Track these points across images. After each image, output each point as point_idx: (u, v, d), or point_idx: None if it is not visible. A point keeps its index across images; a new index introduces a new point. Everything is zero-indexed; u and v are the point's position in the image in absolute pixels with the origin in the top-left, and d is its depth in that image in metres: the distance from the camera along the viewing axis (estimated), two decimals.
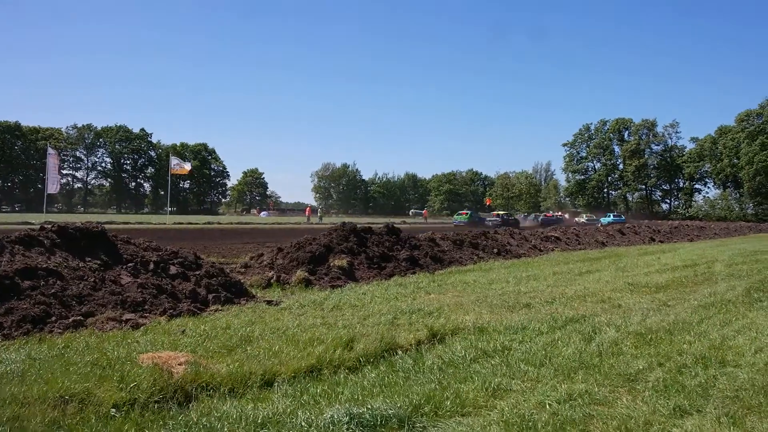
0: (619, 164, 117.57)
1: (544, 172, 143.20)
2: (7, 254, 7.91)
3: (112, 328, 7.01)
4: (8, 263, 7.68)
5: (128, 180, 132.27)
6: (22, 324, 6.76)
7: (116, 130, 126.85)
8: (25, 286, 7.40)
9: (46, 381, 4.66)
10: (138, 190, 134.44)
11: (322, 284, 11.40)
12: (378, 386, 5.03)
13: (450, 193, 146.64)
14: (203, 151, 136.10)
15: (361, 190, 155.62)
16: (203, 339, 6.39)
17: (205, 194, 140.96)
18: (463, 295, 10.29)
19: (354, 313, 8.33)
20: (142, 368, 5.09)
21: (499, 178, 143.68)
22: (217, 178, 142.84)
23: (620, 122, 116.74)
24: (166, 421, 4.20)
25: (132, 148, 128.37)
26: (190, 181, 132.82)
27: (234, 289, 9.60)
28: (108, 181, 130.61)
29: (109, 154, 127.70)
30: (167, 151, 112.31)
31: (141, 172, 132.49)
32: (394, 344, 6.48)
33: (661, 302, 9.61)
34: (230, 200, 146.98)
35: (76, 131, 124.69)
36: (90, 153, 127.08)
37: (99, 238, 9.24)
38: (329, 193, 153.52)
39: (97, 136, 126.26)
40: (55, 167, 47.60)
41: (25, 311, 6.95)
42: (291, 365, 5.54)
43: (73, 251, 8.73)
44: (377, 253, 13.96)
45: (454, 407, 4.48)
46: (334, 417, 4.10)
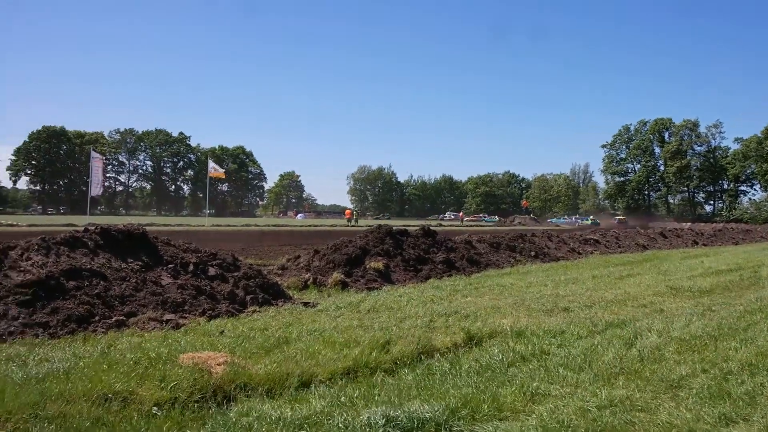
0: (660, 166, 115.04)
1: (582, 174, 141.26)
2: (53, 255, 8.13)
3: (153, 328, 7.15)
4: (54, 264, 7.90)
5: (168, 183, 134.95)
6: (67, 323, 6.95)
7: (156, 134, 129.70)
8: (70, 287, 7.60)
9: (90, 379, 4.77)
10: (177, 192, 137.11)
11: (358, 286, 11.43)
12: (415, 389, 5.01)
13: (486, 195, 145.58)
14: (241, 154, 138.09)
15: (397, 192, 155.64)
16: (241, 340, 6.47)
17: (242, 197, 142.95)
18: (500, 298, 10.20)
19: (390, 315, 8.33)
20: (183, 368, 5.17)
21: (536, 180, 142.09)
22: (254, 181, 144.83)
23: (660, 123, 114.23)
24: (205, 421, 4.26)
25: (172, 152, 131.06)
26: (229, 184, 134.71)
27: (271, 291, 9.70)
28: (149, 184, 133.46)
29: (150, 157, 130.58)
30: (206, 154, 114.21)
31: (180, 174, 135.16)
32: (431, 347, 6.46)
33: (705, 307, 9.36)
34: (267, 202, 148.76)
35: (118, 135, 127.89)
36: (131, 157, 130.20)
37: (140, 240, 9.43)
38: (365, 195, 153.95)
39: (138, 140, 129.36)
40: (98, 171, 48.82)
41: (70, 311, 7.14)
42: (328, 367, 5.56)
43: (116, 252, 8.93)
44: (413, 256, 13.94)
45: (492, 411, 4.43)
46: (371, 419, 4.10)
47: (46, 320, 6.90)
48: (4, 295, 7.07)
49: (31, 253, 8.06)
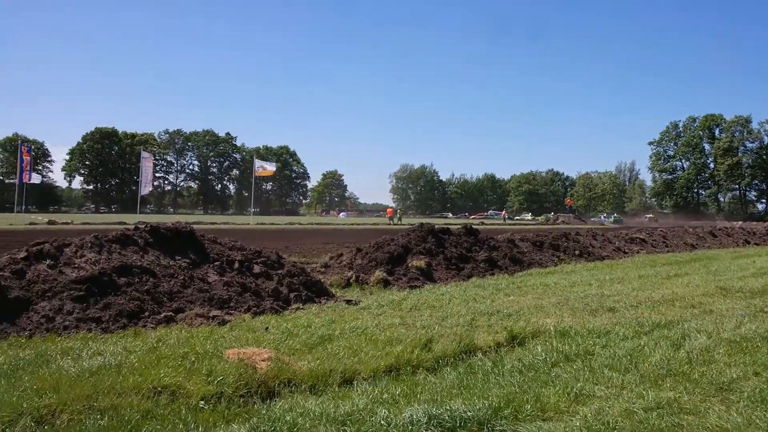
0: (710, 163, 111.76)
1: (628, 172, 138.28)
2: (105, 252, 8.39)
3: (200, 323, 7.32)
4: (106, 261, 8.16)
5: (214, 182, 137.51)
6: (118, 318, 7.17)
7: (204, 135, 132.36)
8: (121, 283, 7.84)
9: (140, 373, 4.92)
10: (223, 191, 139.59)
11: (400, 284, 11.46)
12: (457, 388, 5.01)
13: (529, 193, 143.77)
14: (285, 153, 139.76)
15: (439, 190, 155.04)
16: (285, 336, 6.56)
17: (286, 195, 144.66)
18: (543, 297, 10.09)
19: (432, 313, 8.33)
20: (229, 363, 5.28)
21: (580, 178, 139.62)
22: (298, 180, 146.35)
23: (711, 119, 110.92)
24: (250, 416, 4.34)
25: (218, 152, 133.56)
26: (273, 183, 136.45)
27: (314, 289, 9.81)
28: (196, 183, 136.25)
29: (197, 157, 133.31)
30: (251, 153, 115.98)
31: (226, 174, 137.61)
32: (473, 346, 6.44)
33: (757, 308, 9.07)
34: (310, 201, 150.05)
35: (167, 136, 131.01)
36: (179, 156, 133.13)
37: (188, 238, 9.65)
38: (407, 194, 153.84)
39: (186, 140, 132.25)
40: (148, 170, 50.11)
41: (122, 306, 7.37)
42: (370, 364, 5.61)
43: (165, 250, 9.16)
44: (455, 254, 13.89)
45: (535, 411, 4.40)
46: (413, 417, 4.11)
47: (98, 315, 7.13)
48: (59, 291, 7.34)
49: (85, 251, 8.34)
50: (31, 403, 4.18)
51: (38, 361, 5.35)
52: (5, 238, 22.37)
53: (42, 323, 6.83)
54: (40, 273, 7.61)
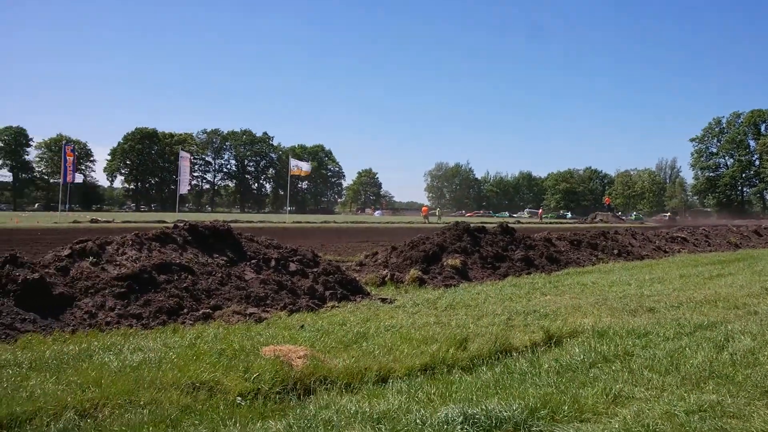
0: (755, 160, 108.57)
1: (669, 170, 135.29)
2: (145, 250, 8.57)
3: (237, 321, 7.42)
4: (146, 258, 8.33)
5: (251, 181, 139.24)
6: (158, 315, 7.32)
7: (241, 134, 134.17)
8: (161, 280, 7.99)
9: (179, 368, 5.01)
10: (260, 190, 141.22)
11: (435, 283, 11.43)
12: (493, 387, 4.97)
13: (567, 192, 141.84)
14: (320, 152, 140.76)
15: (474, 189, 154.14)
16: (321, 334, 6.60)
17: (321, 194, 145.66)
18: (580, 297, 9.95)
19: (467, 312, 8.29)
20: (265, 360, 5.34)
21: (619, 176, 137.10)
22: (333, 179, 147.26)
23: (756, 114, 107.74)
24: (287, 412, 4.38)
25: (255, 151, 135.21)
26: (308, 182, 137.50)
27: (350, 287, 9.85)
28: (233, 182, 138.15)
29: (234, 156, 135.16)
30: (287, 153, 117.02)
31: (263, 173, 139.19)
32: (509, 345, 6.38)
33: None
34: (345, 200, 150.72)
35: (205, 136, 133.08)
36: (217, 156, 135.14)
37: (225, 236, 9.79)
38: (442, 192, 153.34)
39: (223, 140, 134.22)
40: (186, 170, 51.00)
41: (161, 303, 7.52)
42: (405, 363, 5.60)
43: (203, 248, 9.31)
44: (491, 253, 13.79)
45: (572, 412, 4.33)
46: (449, 416, 4.09)
47: (139, 312, 7.29)
48: (101, 288, 7.52)
49: (126, 248, 8.52)
50: (75, 396, 4.30)
51: (81, 356, 5.49)
52: (50, 236, 23.03)
53: (85, 319, 7.00)
54: (83, 270, 7.80)
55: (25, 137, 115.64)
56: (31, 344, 5.93)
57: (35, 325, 6.69)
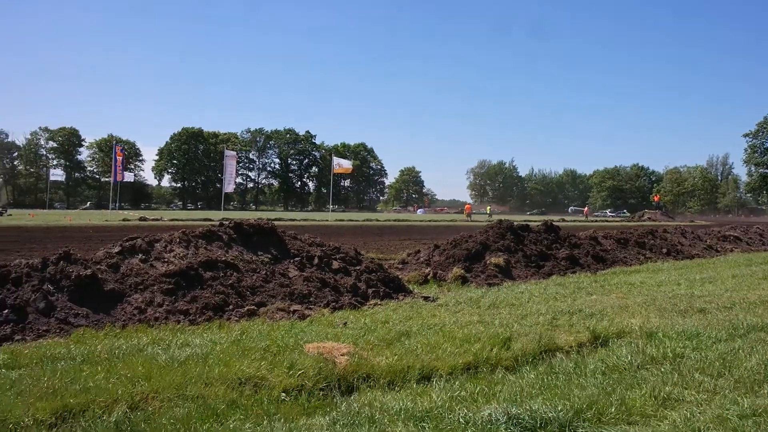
0: None
1: (720, 166, 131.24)
2: (192, 248, 8.74)
3: (281, 317, 7.50)
4: (193, 256, 8.50)
5: (294, 179, 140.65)
6: (204, 311, 7.46)
7: (284, 133, 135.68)
8: (207, 277, 8.14)
9: (225, 364, 5.10)
10: (303, 188, 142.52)
11: (478, 282, 11.35)
12: (537, 387, 4.90)
13: (613, 189, 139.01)
14: (362, 150, 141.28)
15: (518, 187, 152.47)
16: (363, 332, 6.63)
17: (364, 192, 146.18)
18: (628, 296, 9.73)
19: (511, 311, 8.20)
20: (309, 357, 5.39)
21: (668, 173, 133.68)
22: (375, 177, 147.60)
23: None
24: (330, 409, 4.41)
25: (298, 150, 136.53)
26: (351, 180, 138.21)
27: (392, 285, 9.86)
28: (276, 181, 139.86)
29: (278, 155, 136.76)
30: (330, 151, 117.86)
31: (306, 171, 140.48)
32: (554, 345, 6.29)
33: None
34: (388, 198, 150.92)
35: (249, 135, 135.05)
36: (261, 155, 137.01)
37: (269, 234, 9.91)
38: (485, 190, 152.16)
39: (267, 139, 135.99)
40: (231, 168, 51.84)
41: (207, 299, 7.66)
42: (448, 361, 5.58)
43: (247, 246, 9.44)
44: (535, 252, 13.62)
45: (619, 414, 4.25)
46: (492, 416, 4.06)
47: (186, 308, 7.44)
48: (150, 284, 7.71)
49: (174, 246, 8.71)
50: (126, 390, 4.41)
51: (131, 350, 5.64)
52: (101, 233, 23.73)
53: (134, 314, 7.19)
54: (133, 267, 8.01)
55: (78, 138, 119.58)
56: (83, 338, 6.12)
57: (87, 319, 6.90)
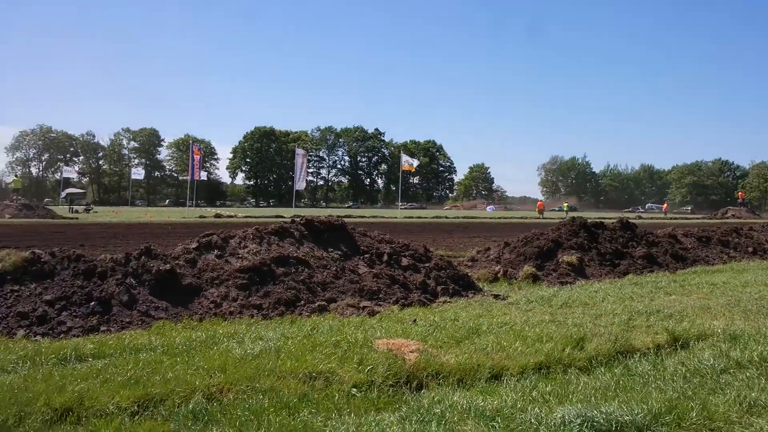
0: None
1: None
2: (265, 244, 8.95)
3: (351, 313, 7.58)
4: (266, 252, 8.70)
5: (363, 177, 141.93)
6: (277, 306, 7.63)
7: (353, 131, 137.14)
8: (279, 273, 8.32)
9: (296, 358, 5.19)
10: (372, 186, 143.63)
11: (549, 280, 11.12)
12: (612, 390, 4.75)
13: (693, 185, 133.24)
14: (432, 147, 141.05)
15: (591, 183, 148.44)
16: (433, 329, 6.61)
17: (433, 189, 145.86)
18: (710, 297, 9.31)
19: (585, 311, 7.99)
20: (378, 353, 5.42)
21: (754, 168, 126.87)
22: (444, 174, 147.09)
23: None
24: (400, 405, 4.42)
25: (367, 147, 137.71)
26: (419, 177, 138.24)
27: (461, 282, 9.79)
28: (346, 178, 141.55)
29: (347, 153, 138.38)
30: (399, 148, 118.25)
31: (375, 169, 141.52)
32: (630, 347, 6.09)
33: None
34: (457, 195, 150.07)
35: (319, 133, 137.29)
36: (331, 152, 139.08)
37: (339, 231, 10.03)
38: (557, 186, 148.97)
39: (337, 137, 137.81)
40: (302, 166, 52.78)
41: (279, 295, 7.83)
42: (519, 360, 5.49)
43: (318, 242, 9.59)
44: (610, 250, 13.22)
45: (701, 420, 4.06)
46: (565, 417, 3.96)
47: (259, 302, 7.64)
48: (225, 279, 7.95)
49: (247, 242, 8.95)
50: (202, 381, 4.57)
51: (208, 342, 5.83)
52: (179, 230, 24.66)
53: (210, 308, 7.44)
54: (209, 262, 8.28)
55: (158, 138, 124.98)
56: (163, 330, 6.38)
57: (167, 312, 7.19)
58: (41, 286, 7.10)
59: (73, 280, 7.24)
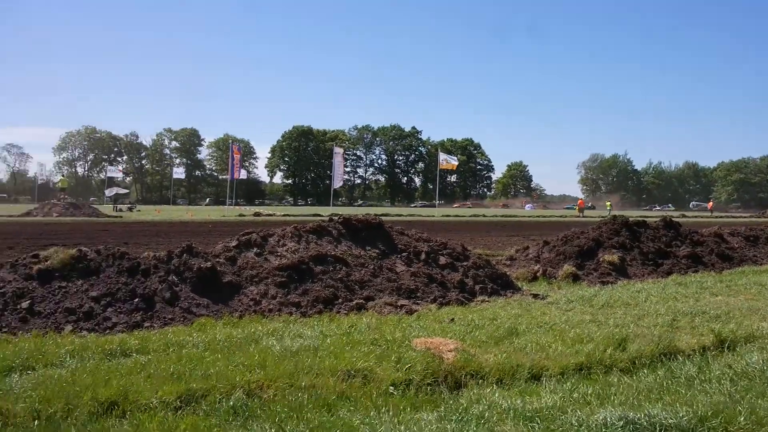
0: None
1: None
2: (303, 242, 9.03)
3: (389, 312, 7.59)
4: (304, 250, 8.77)
5: (400, 175, 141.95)
6: (315, 304, 7.69)
7: (390, 129, 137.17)
8: (317, 271, 8.38)
9: (335, 356, 5.22)
10: (409, 184, 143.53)
11: (590, 280, 10.94)
12: (656, 392, 4.66)
13: (740, 183, 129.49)
14: (469, 145, 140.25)
15: (633, 181, 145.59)
16: (471, 328, 6.57)
17: (470, 187, 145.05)
18: (758, 298, 9.04)
19: (627, 311, 7.85)
20: (416, 352, 5.42)
21: None
22: (482, 172, 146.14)
23: None
24: (438, 404, 4.41)
25: (404, 146, 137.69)
26: (457, 175, 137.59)
27: (500, 281, 9.71)
28: (383, 177, 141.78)
29: (384, 151, 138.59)
30: (436, 147, 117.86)
31: (412, 167, 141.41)
32: (674, 348, 5.95)
33: None
34: (495, 193, 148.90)
35: (356, 132, 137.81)
36: (368, 151, 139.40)
37: (377, 229, 10.04)
38: (597, 184, 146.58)
39: (374, 135, 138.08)
40: (340, 165, 53.10)
41: (318, 293, 7.89)
42: (559, 361, 5.42)
43: (356, 240, 9.62)
44: (652, 249, 12.94)
45: (749, 425, 3.95)
46: (607, 419, 3.90)
47: (298, 300, 7.70)
48: (264, 277, 8.04)
49: (286, 240, 9.03)
50: (243, 377, 4.63)
51: (248, 339, 5.91)
52: (219, 228, 25.05)
53: (250, 306, 7.53)
54: (249, 260, 8.38)
55: (198, 138, 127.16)
56: (204, 327, 6.49)
57: (208, 309, 7.31)
58: (87, 283, 7.29)
59: (118, 277, 7.42)
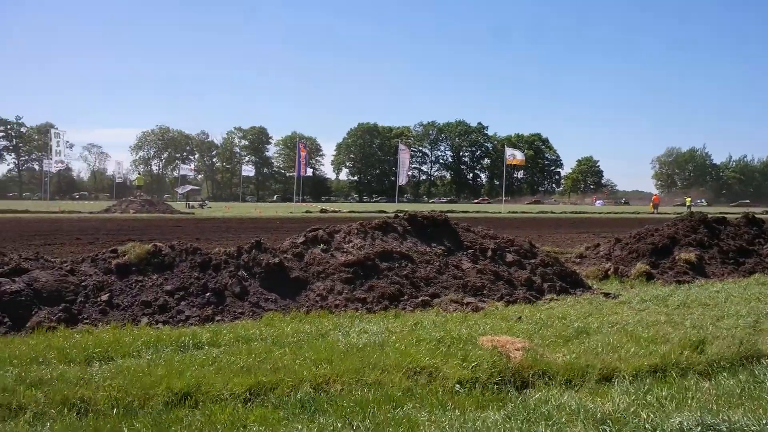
0: None
1: None
2: (368, 239, 9.07)
3: (455, 309, 7.53)
4: (370, 246, 8.81)
5: (466, 171, 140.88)
6: (381, 300, 7.71)
7: (456, 125, 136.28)
8: (383, 267, 8.40)
9: (400, 353, 5.22)
10: (475, 180, 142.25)
11: (665, 279, 10.53)
12: (737, 397, 4.43)
13: None
14: (537, 141, 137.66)
15: (712, 176, 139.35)
16: (539, 327, 6.44)
17: (538, 183, 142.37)
18: None
19: (704, 312, 7.51)
20: (482, 350, 5.35)
21: None
22: (550, 167, 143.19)
23: None
24: (505, 403, 4.34)
25: (470, 141, 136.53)
26: (524, 171, 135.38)
27: (569, 279, 9.48)
28: (448, 173, 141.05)
29: (450, 147, 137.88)
30: (502, 142, 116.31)
31: (478, 163, 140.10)
32: (757, 351, 5.65)
33: None
34: (564, 189, 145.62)
35: (421, 128, 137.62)
36: (433, 147, 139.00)
37: (442, 226, 9.98)
38: (672, 180, 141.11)
39: (439, 131, 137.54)
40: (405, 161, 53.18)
41: (383, 289, 7.91)
42: (631, 362, 5.24)
43: (421, 237, 9.60)
44: (733, 247, 12.33)
45: None
46: (683, 424, 3.73)
47: (363, 296, 7.75)
48: (330, 273, 8.13)
49: (352, 237, 9.10)
50: (310, 371, 4.70)
51: (315, 334, 5.99)
52: (287, 224, 25.53)
53: (317, 301, 7.63)
54: (315, 256, 8.49)
55: (266, 136, 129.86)
56: (272, 321, 6.62)
57: (276, 304, 7.45)
58: (162, 277, 7.57)
59: (191, 272, 7.67)
